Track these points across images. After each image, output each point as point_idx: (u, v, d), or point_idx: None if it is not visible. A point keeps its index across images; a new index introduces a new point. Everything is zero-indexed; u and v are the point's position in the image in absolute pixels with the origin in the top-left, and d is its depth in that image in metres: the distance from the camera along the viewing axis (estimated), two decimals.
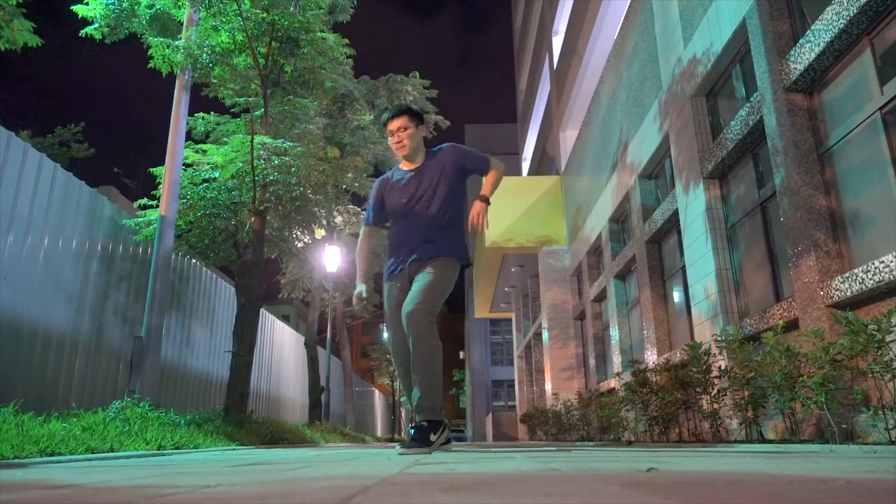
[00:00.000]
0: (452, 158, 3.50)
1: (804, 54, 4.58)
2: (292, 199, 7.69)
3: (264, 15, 7.38)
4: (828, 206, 4.52)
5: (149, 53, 6.92)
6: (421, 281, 3.28)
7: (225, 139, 7.96)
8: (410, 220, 3.43)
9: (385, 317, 3.53)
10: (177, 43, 6.85)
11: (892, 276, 3.58)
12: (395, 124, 3.46)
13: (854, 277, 3.94)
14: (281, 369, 14.24)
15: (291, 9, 7.56)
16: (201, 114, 8.77)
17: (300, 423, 11.47)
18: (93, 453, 3.47)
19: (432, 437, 3.18)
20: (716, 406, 5.01)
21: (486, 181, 3.47)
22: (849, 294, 3.99)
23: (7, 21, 5.16)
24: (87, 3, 6.68)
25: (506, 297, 20.69)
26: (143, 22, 7.04)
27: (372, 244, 3.76)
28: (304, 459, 2.65)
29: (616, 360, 9.89)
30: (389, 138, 3.53)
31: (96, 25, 6.79)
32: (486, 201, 3.34)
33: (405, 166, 3.57)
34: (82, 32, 6.80)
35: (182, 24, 7.15)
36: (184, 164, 7.05)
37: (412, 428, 3.20)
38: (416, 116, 3.54)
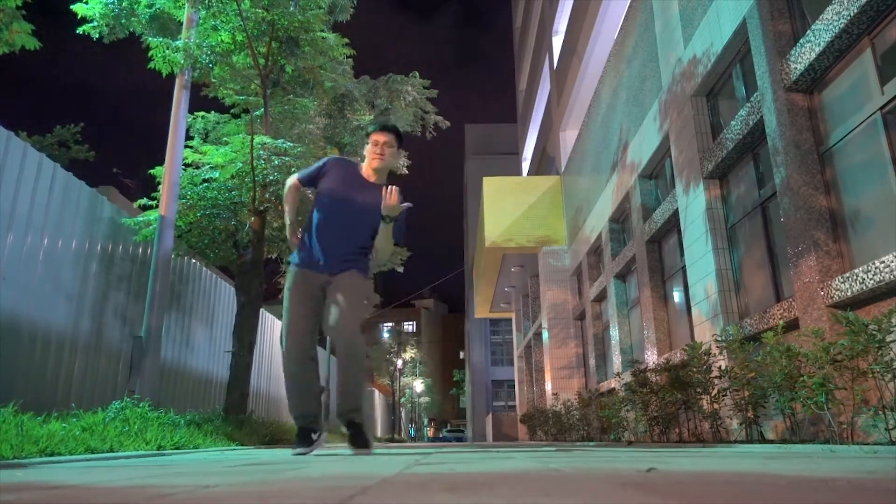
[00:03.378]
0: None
1: (804, 54, 4.58)
2: None
3: (264, 15, 7.38)
4: (828, 205, 4.52)
5: (149, 54, 6.92)
6: (346, 295, 3.36)
7: (225, 139, 7.96)
8: (339, 224, 3.44)
9: (288, 302, 3.49)
10: (177, 43, 6.85)
11: (892, 276, 3.58)
12: (383, 137, 3.53)
13: (854, 277, 3.94)
14: (281, 369, 14.23)
15: (291, 8, 7.56)
16: (201, 113, 8.76)
17: None
18: (93, 453, 3.47)
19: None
20: (716, 406, 5.01)
21: (384, 232, 3.45)
22: (849, 294, 3.99)
23: (6, 24, 5.15)
24: (86, 3, 6.68)
25: (506, 297, 20.69)
26: (143, 21, 7.04)
27: (297, 198, 3.72)
28: (303, 460, 2.65)
29: (616, 361, 9.89)
30: (370, 146, 3.55)
31: (94, 24, 6.78)
32: (386, 218, 3.39)
33: (367, 175, 3.57)
34: (80, 30, 6.80)
35: (182, 24, 7.14)
36: (184, 164, 7.05)
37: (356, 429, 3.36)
38: (400, 139, 3.65)
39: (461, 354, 55.64)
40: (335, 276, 3.42)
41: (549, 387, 13.28)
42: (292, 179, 3.66)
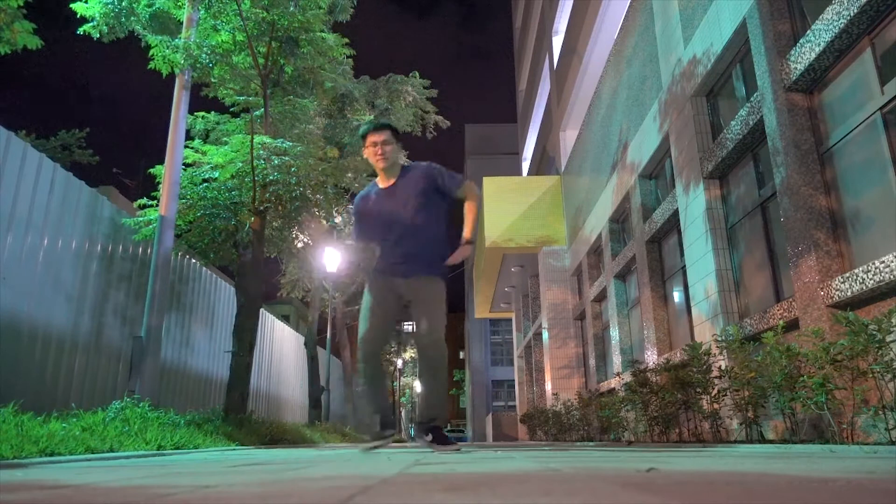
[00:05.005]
0: (426, 177, 3.63)
1: (804, 54, 4.58)
2: (292, 199, 7.68)
3: (264, 15, 7.38)
4: (828, 205, 4.52)
5: (149, 53, 6.92)
6: (424, 309, 3.56)
7: (225, 139, 7.96)
8: (394, 242, 3.58)
9: (366, 307, 3.64)
10: (176, 42, 6.84)
11: (892, 276, 3.58)
12: (377, 137, 3.61)
13: (854, 277, 3.94)
14: (281, 369, 14.23)
15: (291, 9, 7.56)
16: (201, 113, 8.76)
17: (300, 424, 11.47)
18: (92, 453, 3.47)
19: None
20: (716, 406, 5.01)
21: (467, 221, 3.61)
22: (849, 294, 3.99)
23: (7, 23, 5.16)
24: (86, 2, 6.68)
25: (506, 297, 20.69)
26: (143, 20, 7.04)
27: (368, 255, 3.86)
28: (304, 459, 2.65)
29: (616, 361, 9.89)
30: (367, 149, 3.65)
31: (94, 24, 6.78)
32: (471, 243, 3.62)
33: (381, 182, 3.71)
34: (80, 30, 6.79)
35: (181, 24, 7.14)
36: (184, 164, 7.05)
37: (429, 431, 3.53)
38: (396, 133, 3.70)
39: (461, 354, 55.61)
40: (412, 279, 3.58)
41: (549, 387, 13.28)
42: (356, 247, 3.92)
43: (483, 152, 37.06)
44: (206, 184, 7.55)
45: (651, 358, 8.02)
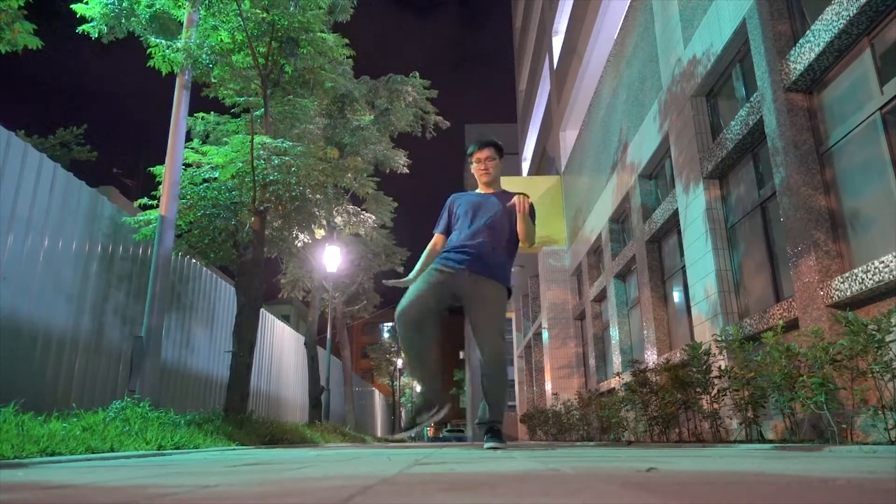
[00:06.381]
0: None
1: (804, 54, 4.58)
2: (292, 199, 7.68)
3: (264, 15, 7.38)
4: (828, 206, 4.52)
5: (148, 52, 6.92)
6: (487, 313, 3.71)
7: (225, 139, 7.96)
8: (477, 233, 3.79)
9: (417, 282, 3.76)
10: (176, 43, 6.85)
11: (891, 276, 3.58)
12: (484, 154, 3.93)
13: (854, 277, 3.94)
14: (281, 369, 14.23)
15: (291, 9, 7.56)
16: (201, 114, 8.76)
17: (300, 424, 11.47)
18: (93, 453, 3.47)
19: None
20: (716, 406, 5.01)
21: (519, 225, 3.78)
22: (849, 294, 3.99)
23: (8, 23, 5.16)
24: (86, 2, 6.68)
25: None
26: (143, 21, 7.04)
27: (439, 250, 4.00)
28: (304, 459, 2.66)
29: (616, 360, 9.89)
30: (474, 165, 3.97)
31: (94, 24, 6.78)
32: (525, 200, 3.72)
33: (483, 190, 4.02)
34: (79, 29, 6.79)
35: (181, 24, 7.14)
36: (184, 164, 7.05)
37: (488, 430, 3.71)
38: (500, 151, 4.03)
39: (461, 354, 55.60)
40: (477, 277, 3.70)
41: (548, 387, 13.29)
42: (435, 237, 4.03)
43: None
44: (206, 184, 7.55)
45: (651, 358, 8.02)
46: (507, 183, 4.15)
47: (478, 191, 4.05)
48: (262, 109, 7.96)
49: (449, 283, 3.71)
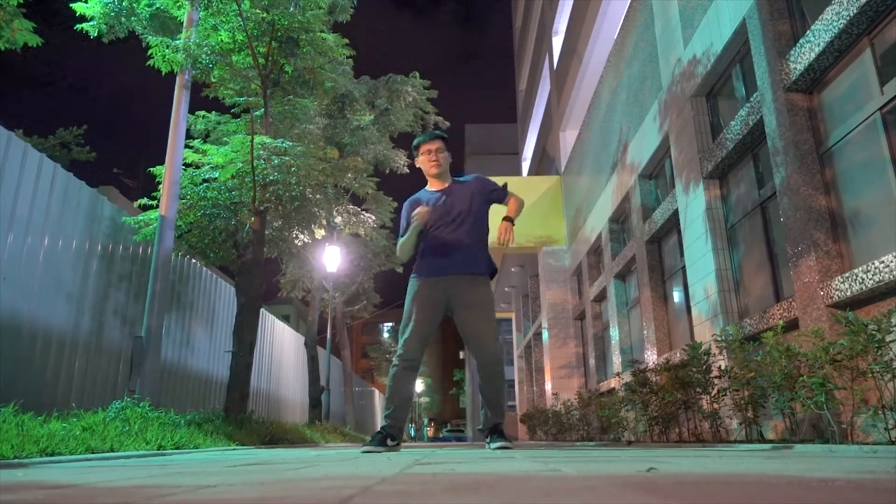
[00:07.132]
0: (480, 188, 3.93)
1: (804, 54, 4.58)
2: (292, 199, 7.68)
3: (264, 15, 7.37)
4: (828, 205, 4.52)
5: (148, 52, 6.91)
6: (477, 318, 3.72)
7: (225, 139, 7.95)
8: (446, 235, 3.80)
9: (409, 312, 3.76)
10: (176, 42, 6.84)
11: (892, 276, 3.58)
12: (434, 146, 3.93)
13: (854, 277, 3.94)
14: (281, 369, 14.23)
15: (291, 9, 7.55)
16: (202, 112, 8.75)
17: (300, 424, 11.47)
18: (93, 453, 3.47)
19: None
20: (716, 406, 5.01)
21: (511, 206, 3.88)
22: (849, 294, 3.99)
23: (7, 21, 5.16)
24: (86, 1, 6.67)
25: (506, 297, 20.69)
26: (143, 20, 7.04)
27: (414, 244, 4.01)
28: (304, 459, 2.65)
29: (616, 360, 9.89)
30: (423, 157, 3.94)
31: (94, 23, 6.77)
32: (511, 222, 3.80)
33: (433, 186, 3.98)
34: (78, 27, 6.79)
35: (181, 24, 7.14)
36: (184, 165, 7.04)
37: (491, 433, 3.69)
38: (447, 142, 4.03)
39: (461, 354, 55.61)
40: (457, 277, 3.73)
41: (549, 387, 13.29)
42: (400, 246, 3.95)
43: (483, 152, 37.04)
44: (206, 184, 7.55)
45: (651, 358, 8.02)
46: (508, 183, 4.12)
47: (428, 187, 4.01)
48: (262, 109, 7.96)
49: (438, 295, 3.74)
